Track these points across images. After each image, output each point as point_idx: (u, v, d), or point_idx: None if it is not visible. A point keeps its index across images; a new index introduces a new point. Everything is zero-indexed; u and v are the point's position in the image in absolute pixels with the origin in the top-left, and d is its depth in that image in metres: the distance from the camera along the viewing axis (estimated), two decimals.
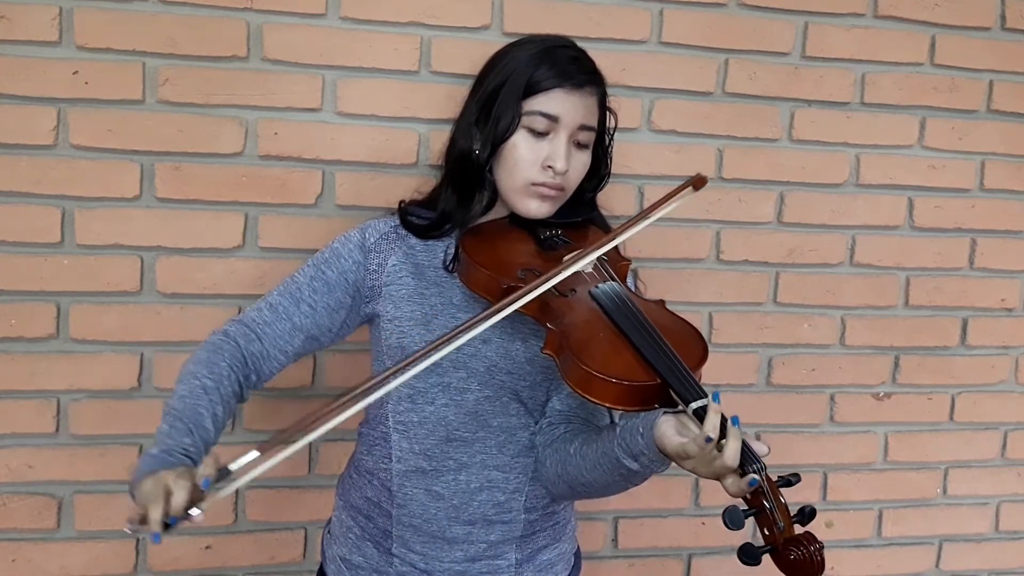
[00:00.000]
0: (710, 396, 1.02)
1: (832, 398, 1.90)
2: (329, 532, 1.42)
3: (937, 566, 2.02)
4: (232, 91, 1.55)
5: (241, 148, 1.57)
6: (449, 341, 1.10)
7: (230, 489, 1.02)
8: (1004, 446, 2.00)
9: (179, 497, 0.97)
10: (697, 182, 1.23)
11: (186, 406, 1.14)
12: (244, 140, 1.57)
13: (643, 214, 1.24)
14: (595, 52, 1.31)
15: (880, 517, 1.97)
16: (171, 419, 1.13)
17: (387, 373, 1.10)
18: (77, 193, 1.52)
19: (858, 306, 1.88)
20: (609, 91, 1.32)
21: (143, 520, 0.97)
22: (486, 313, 1.12)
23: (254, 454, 1.02)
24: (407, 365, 1.10)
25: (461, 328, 1.11)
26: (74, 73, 1.49)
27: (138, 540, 1.62)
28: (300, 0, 1.55)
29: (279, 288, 1.29)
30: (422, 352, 1.10)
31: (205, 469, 1.00)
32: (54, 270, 1.53)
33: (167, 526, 0.96)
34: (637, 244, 1.62)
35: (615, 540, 1.84)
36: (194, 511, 0.98)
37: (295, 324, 1.26)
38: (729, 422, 0.99)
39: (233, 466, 1.02)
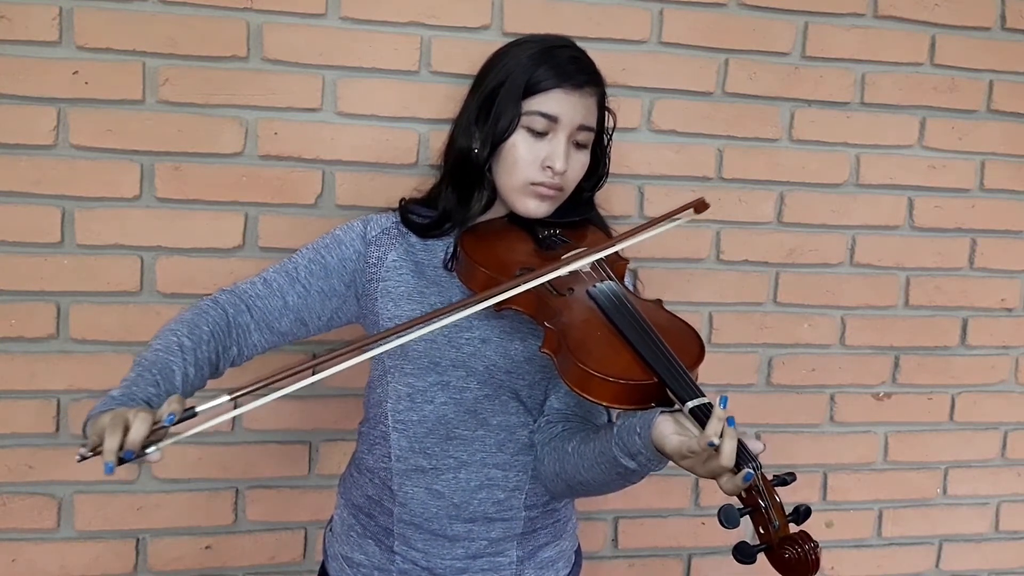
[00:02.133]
0: (718, 401, 1.01)
1: (832, 398, 1.90)
2: (331, 530, 1.42)
3: (937, 566, 2.01)
4: (232, 91, 1.55)
5: (241, 148, 1.57)
6: (443, 316, 1.11)
7: (193, 431, 0.98)
8: (1004, 446, 2.00)
9: (138, 430, 0.93)
10: (699, 205, 1.22)
11: (158, 359, 1.13)
12: (244, 140, 1.57)
13: (639, 229, 1.23)
14: (595, 52, 1.31)
15: (880, 517, 1.97)
16: (140, 369, 1.11)
17: (366, 341, 1.08)
18: (77, 193, 1.52)
19: (858, 306, 1.88)
20: (609, 91, 1.32)
21: (96, 449, 0.94)
22: (480, 296, 1.13)
23: (224, 398, 0.99)
24: (390, 335, 1.10)
25: (456, 306, 1.12)
26: (74, 73, 1.50)
27: (138, 540, 1.62)
28: (300, 0, 1.55)
29: (276, 266, 1.29)
30: (408, 324, 1.11)
31: (170, 406, 0.97)
32: (54, 270, 1.54)
33: (122, 460, 0.93)
34: (637, 244, 1.61)
35: (615, 540, 1.85)
36: (151, 450, 0.95)
37: (287, 303, 1.26)
38: (725, 423, 0.99)
39: (200, 407, 0.98)
